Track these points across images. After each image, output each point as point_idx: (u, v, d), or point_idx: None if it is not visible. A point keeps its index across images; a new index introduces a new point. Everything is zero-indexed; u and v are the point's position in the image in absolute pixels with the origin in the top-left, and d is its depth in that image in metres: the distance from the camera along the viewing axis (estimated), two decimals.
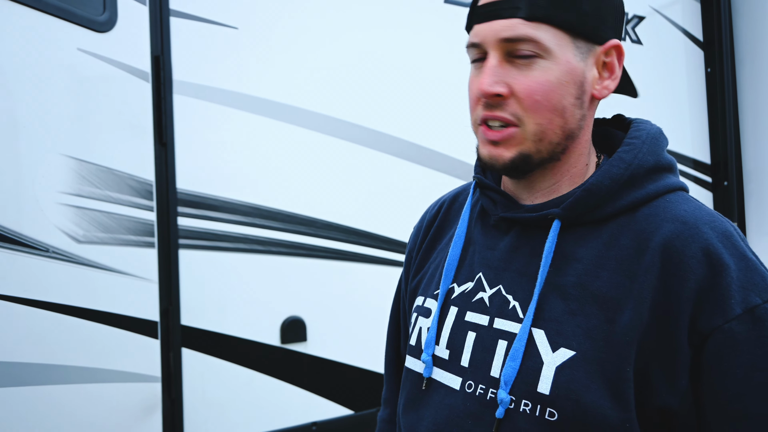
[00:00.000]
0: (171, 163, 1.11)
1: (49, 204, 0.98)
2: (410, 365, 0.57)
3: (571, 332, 0.47)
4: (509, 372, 0.47)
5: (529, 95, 0.48)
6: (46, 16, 0.98)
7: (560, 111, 0.48)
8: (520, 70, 0.48)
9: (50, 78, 0.99)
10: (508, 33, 0.47)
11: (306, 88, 1.26)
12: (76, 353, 0.99)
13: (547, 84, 0.47)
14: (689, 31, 1.83)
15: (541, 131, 0.49)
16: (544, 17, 0.47)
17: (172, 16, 1.13)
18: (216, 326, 1.15)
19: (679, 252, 0.46)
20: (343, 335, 1.28)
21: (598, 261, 0.48)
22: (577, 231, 0.50)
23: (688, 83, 1.82)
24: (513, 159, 0.49)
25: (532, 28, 0.47)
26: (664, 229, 0.47)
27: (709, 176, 1.85)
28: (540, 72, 0.47)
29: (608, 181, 0.49)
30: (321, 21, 1.27)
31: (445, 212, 0.63)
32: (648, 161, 0.50)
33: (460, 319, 0.53)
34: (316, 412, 1.24)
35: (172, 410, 1.09)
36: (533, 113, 0.48)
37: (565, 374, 0.46)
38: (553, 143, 0.49)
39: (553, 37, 0.47)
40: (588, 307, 0.47)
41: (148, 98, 1.10)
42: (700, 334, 0.44)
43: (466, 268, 0.56)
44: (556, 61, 0.48)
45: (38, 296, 0.96)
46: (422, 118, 1.37)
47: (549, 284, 0.49)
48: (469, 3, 0.52)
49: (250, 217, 1.19)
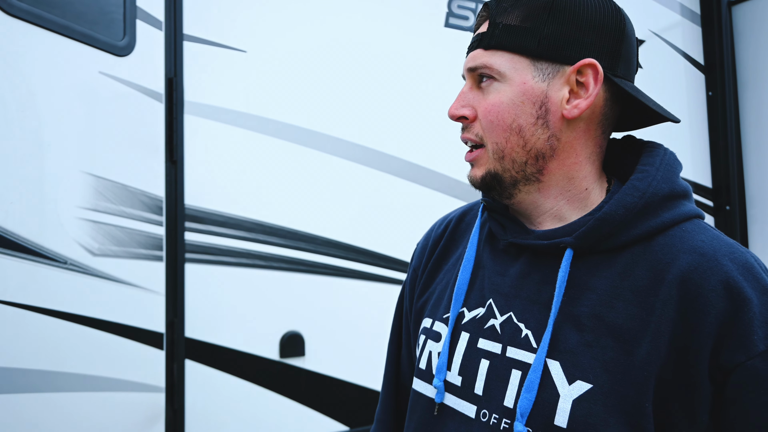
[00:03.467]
0: (180, 180, 1.16)
1: (69, 218, 1.03)
2: (420, 389, 0.57)
3: (588, 365, 0.46)
4: (525, 404, 0.47)
5: (485, 115, 0.52)
6: (71, 42, 1.04)
7: (516, 130, 0.50)
8: (482, 94, 0.52)
9: (73, 99, 1.04)
10: (470, 63, 0.53)
11: (309, 109, 1.30)
12: (87, 362, 1.03)
13: (499, 104, 0.51)
14: (690, 54, 1.83)
15: (499, 149, 0.51)
16: (498, 45, 0.51)
17: (185, 41, 1.19)
18: (218, 339, 1.18)
19: (697, 285, 0.45)
20: (340, 351, 1.30)
21: (612, 291, 0.47)
22: (590, 260, 0.49)
23: (688, 107, 1.82)
24: (483, 177, 0.53)
25: (488, 56, 0.51)
26: (682, 260, 0.46)
27: (711, 200, 1.83)
28: (494, 94, 0.51)
29: (622, 210, 0.48)
30: (325, 45, 1.32)
31: (451, 231, 0.62)
32: (663, 189, 0.49)
33: (472, 346, 0.53)
34: (312, 426, 1.25)
35: (174, 420, 1.12)
36: (490, 132, 0.51)
37: (582, 408, 0.45)
38: (517, 162, 0.51)
39: (508, 62, 0.50)
40: (604, 339, 0.46)
41: (160, 118, 1.15)
42: (721, 370, 0.43)
43: (476, 292, 0.55)
44: (510, 83, 0.50)
45: (56, 306, 1.00)
46: (422, 138, 1.40)
47: (562, 314, 0.48)
48: (468, 27, 0.57)
49: (253, 233, 1.23)
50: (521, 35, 0.50)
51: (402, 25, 1.40)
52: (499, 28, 0.51)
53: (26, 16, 0.98)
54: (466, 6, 1.49)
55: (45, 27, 1.01)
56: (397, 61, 1.39)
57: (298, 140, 1.29)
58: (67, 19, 1.03)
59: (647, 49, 1.74)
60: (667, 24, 1.78)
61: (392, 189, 1.37)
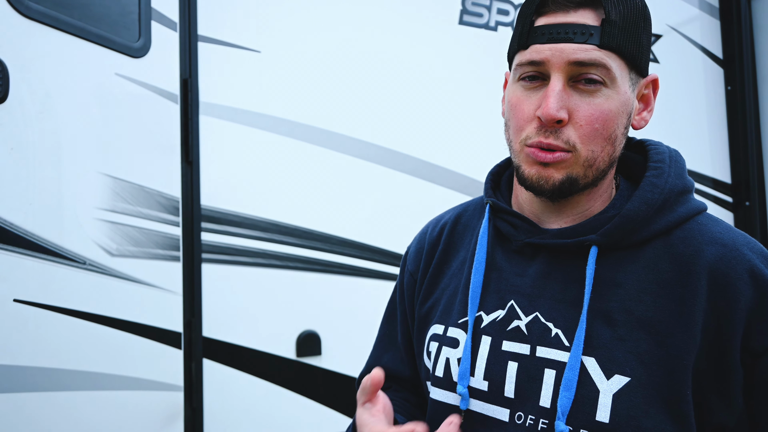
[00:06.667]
0: (196, 181, 1.17)
1: (87, 219, 1.04)
2: (439, 397, 0.55)
3: (623, 358, 0.46)
4: (565, 402, 0.46)
5: (590, 123, 0.47)
6: (87, 44, 1.05)
7: (612, 140, 0.49)
8: (582, 97, 0.48)
9: (90, 101, 1.05)
10: (582, 55, 0.47)
11: (323, 109, 1.30)
12: (106, 361, 1.04)
13: (608, 113, 0.48)
14: (708, 48, 1.81)
15: (593, 158, 0.49)
16: (616, 46, 0.47)
17: (200, 41, 1.19)
18: (235, 338, 1.19)
19: (725, 275, 0.46)
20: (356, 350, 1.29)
21: (639, 285, 0.48)
22: (614, 255, 0.50)
23: (707, 101, 1.79)
24: (562, 181, 0.49)
25: (605, 56, 0.47)
26: (707, 252, 0.47)
27: (730, 196, 1.81)
28: (603, 100, 0.47)
29: (644, 207, 0.49)
30: (338, 45, 1.32)
31: (448, 234, 0.61)
32: (677, 185, 0.51)
33: (496, 349, 0.52)
34: (329, 425, 1.26)
35: (193, 419, 1.13)
36: (589, 141, 0.48)
37: (623, 401, 0.45)
38: (599, 170, 0.50)
39: (619, 67, 0.48)
40: (636, 332, 0.47)
41: (176, 119, 1.16)
42: (752, 353, 0.45)
43: (492, 294, 0.54)
44: (618, 90, 0.48)
45: (75, 306, 1.01)
46: (437, 137, 1.39)
47: (592, 310, 0.48)
48: (478, 24, 0.55)
49: (269, 233, 1.24)
50: (630, 40, 0.47)
51: (416, 23, 1.40)
52: (617, 27, 0.47)
53: (43, 18, 0.99)
54: (480, 3, 1.47)
55: (61, 29, 1.01)
56: (411, 59, 1.39)
57: (313, 140, 1.29)
58: (83, 21, 1.04)
59: (665, 43, 1.71)
60: (685, 18, 1.75)
61: (408, 188, 1.37)
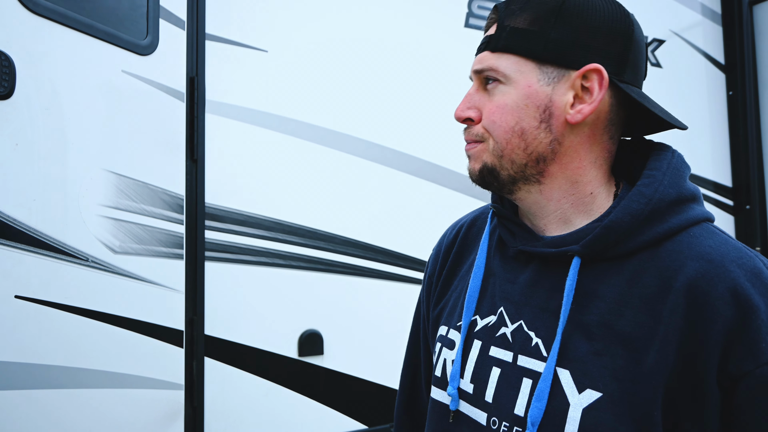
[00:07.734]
0: (201, 179, 1.17)
1: (91, 216, 1.04)
2: (436, 396, 0.57)
3: (597, 373, 0.46)
4: (535, 413, 0.47)
5: (488, 116, 0.52)
6: (94, 40, 1.05)
7: (518, 132, 0.51)
8: (487, 96, 0.53)
9: (96, 98, 1.05)
10: (477, 65, 0.53)
11: (329, 109, 1.30)
12: (108, 358, 1.04)
13: (504, 106, 0.51)
14: (710, 54, 1.82)
15: (500, 149, 0.52)
16: (505, 48, 0.51)
17: (207, 40, 1.20)
18: (237, 337, 1.19)
19: (704, 293, 0.44)
20: (358, 350, 1.30)
21: (620, 299, 0.47)
22: (598, 267, 0.49)
23: (709, 106, 1.81)
24: (480, 170, 0.53)
25: (494, 59, 0.52)
26: (689, 268, 0.45)
27: (731, 200, 1.82)
28: (500, 96, 0.52)
29: (628, 218, 0.47)
30: (346, 46, 1.33)
31: (463, 237, 0.63)
32: (669, 194, 0.48)
33: (484, 354, 0.53)
34: (331, 425, 1.25)
35: (194, 417, 1.13)
36: (492, 133, 0.52)
37: (592, 416, 0.45)
38: (516, 163, 0.51)
39: (514, 65, 0.51)
40: (613, 348, 0.46)
41: (182, 117, 1.16)
42: (729, 377, 0.43)
43: (487, 299, 0.55)
44: (515, 86, 0.51)
45: (78, 303, 1.01)
46: (442, 138, 1.40)
47: (571, 322, 0.48)
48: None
49: (272, 232, 1.24)
50: (528, 38, 0.50)
51: (423, 25, 1.41)
52: (507, 30, 0.51)
53: (51, 15, 0.99)
54: (486, 6, 1.48)
55: (69, 26, 1.02)
56: (417, 61, 1.39)
57: (319, 140, 1.29)
58: (91, 17, 1.04)
59: (668, 48, 1.72)
60: (687, 23, 1.77)
61: (412, 188, 1.37)
